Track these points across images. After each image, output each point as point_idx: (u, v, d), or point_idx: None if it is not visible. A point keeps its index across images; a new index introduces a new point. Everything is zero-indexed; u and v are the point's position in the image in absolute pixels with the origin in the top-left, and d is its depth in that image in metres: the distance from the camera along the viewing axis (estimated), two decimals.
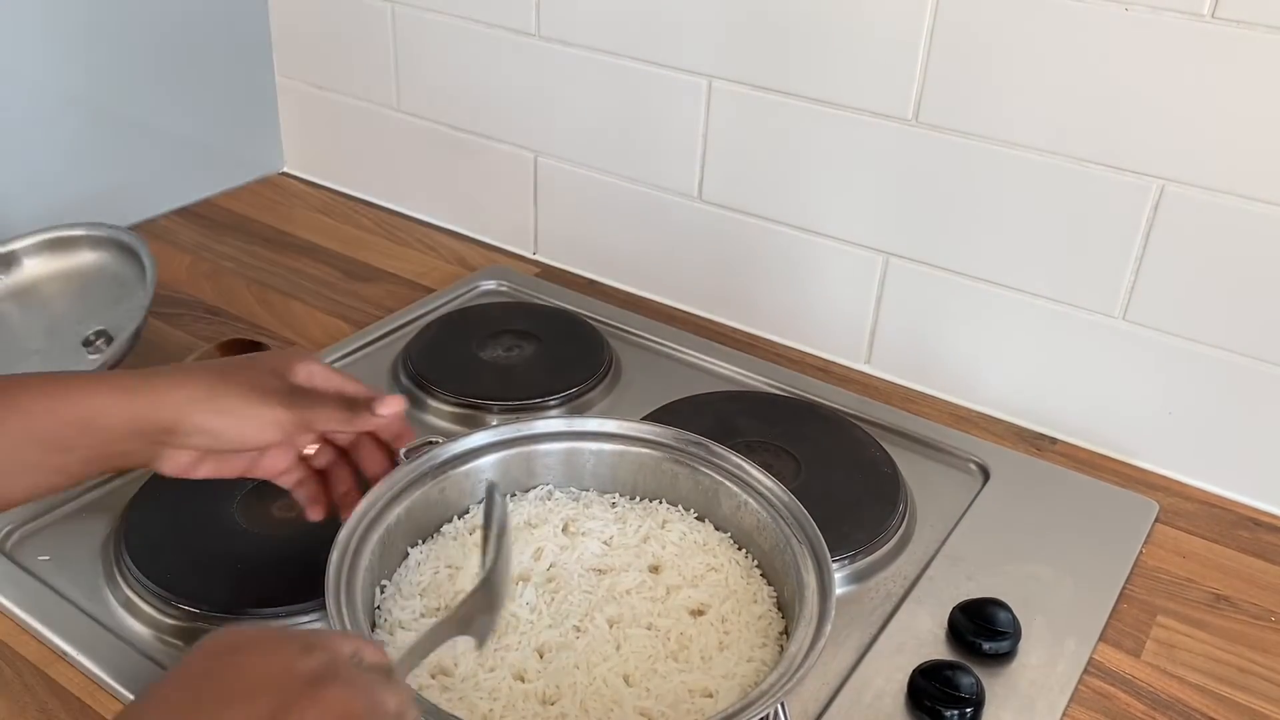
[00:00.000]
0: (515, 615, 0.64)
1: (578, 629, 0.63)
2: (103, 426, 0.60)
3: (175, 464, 0.65)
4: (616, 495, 0.74)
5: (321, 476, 0.71)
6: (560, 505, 0.72)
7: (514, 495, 0.73)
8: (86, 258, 1.01)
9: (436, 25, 1.21)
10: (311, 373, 0.67)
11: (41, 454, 0.60)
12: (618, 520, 0.72)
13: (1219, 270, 0.86)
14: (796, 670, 0.57)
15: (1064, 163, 0.89)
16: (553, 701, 0.59)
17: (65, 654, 0.70)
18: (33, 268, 0.99)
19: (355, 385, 0.69)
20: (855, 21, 0.94)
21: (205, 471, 0.66)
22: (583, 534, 0.70)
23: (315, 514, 0.70)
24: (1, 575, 0.75)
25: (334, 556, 0.62)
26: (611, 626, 0.64)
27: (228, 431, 0.63)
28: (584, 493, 0.74)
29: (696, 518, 0.73)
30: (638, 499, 0.74)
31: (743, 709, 0.55)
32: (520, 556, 0.68)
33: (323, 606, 0.70)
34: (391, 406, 0.66)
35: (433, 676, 0.61)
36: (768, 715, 0.56)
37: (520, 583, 0.66)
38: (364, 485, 0.70)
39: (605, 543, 0.70)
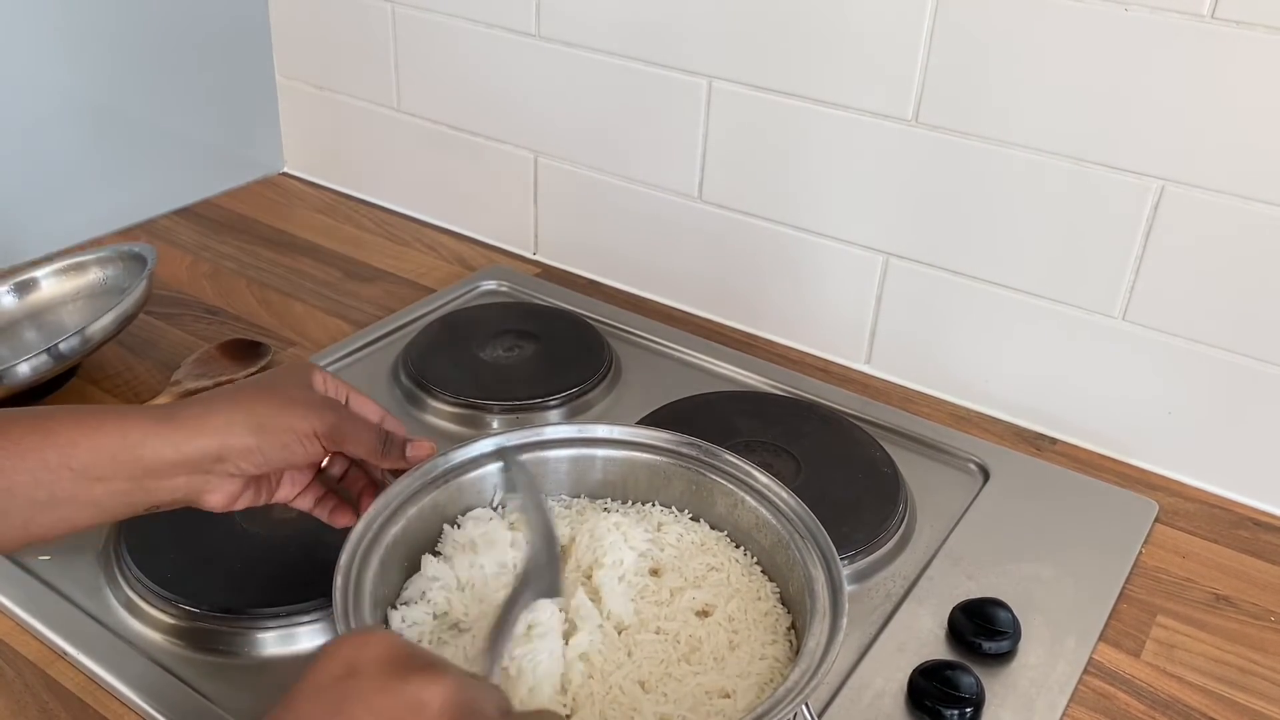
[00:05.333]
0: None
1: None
2: (141, 456, 0.59)
3: (224, 495, 0.63)
4: (609, 500, 0.74)
5: (335, 484, 0.71)
6: (554, 513, 0.72)
7: (505, 505, 0.72)
8: (95, 275, 1.05)
9: (436, 25, 1.21)
10: (328, 385, 0.68)
11: (75, 485, 0.57)
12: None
13: (1219, 270, 0.86)
14: (819, 665, 0.56)
15: (1064, 163, 0.89)
16: (571, 714, 0.59)
17: (65, 653, 0.70)
18: (49, 288, 1.05)
19: (373, 407, 0.70)
20: (855, 21, 0.94)
21: (245, 501, 0.65)
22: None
23: (345, 521, 0.69)
24: (1, 575, 0.75)
25: (343, 559, 0.61)
26: (620, 633, 0.64)
27: (271, 450, 0.62)
28: (575, 499, 0.74)
29: (691, 518, 0.73)
30: (630, 503, 0.74)
31: (772, 707, 0.54)
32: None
33: (323, 606, 0.71)
34: (422, 452, 0.68)
35: None
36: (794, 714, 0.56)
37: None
38: (378, 484, 0.71)
39: None
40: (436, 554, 0.68)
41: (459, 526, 0.70)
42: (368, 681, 0.45)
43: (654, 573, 0.68)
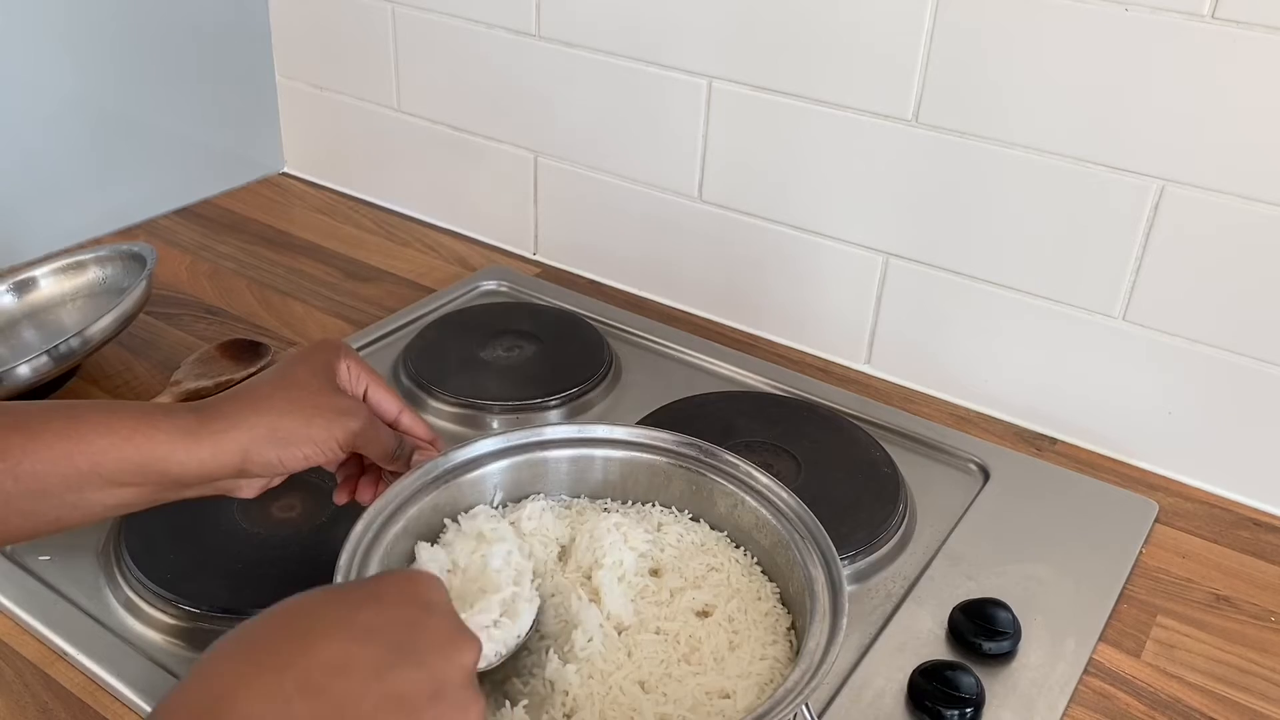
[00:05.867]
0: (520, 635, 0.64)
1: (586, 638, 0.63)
2: (167, 471, 0.61)
3: (251, 490, 0.66)
4: (609, 500, 0.74)
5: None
6: (555, 513, 0.72)
7: (506, 505, 0.72)
8: (94, 274, 1.05)
9: (436, 25, 1.21)
10: (351, 375, 0.69)
11: (103, 488, 0.60)
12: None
13: (1219, 270, 0.86)
14: (819, 666, 0.56)
15: (1064, 163, 0.89)
16: (570, 714, 0.59)
17: (65, 654, 0.70)
18: (47, 288, 1.05)
19: (392, 400, 0.71)
20: (855, 22, 0.94)
21: (278, 483, 0.67)
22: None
23: (342, 499, 0.71)
24: (1, 575, 0.75)
25: (343, 559, 0.61)
26: (620, 633, 0.63)
27: (293, 460, 0.64)
28: (575, 500, 0.74)
29: (691, 518, 0.73)
30: (630, 503, 0.74)
31: (772, 708, 0.54)
32: (518, 566, 0.67)
33: None
34: (429, 456, 0.70)
35: None
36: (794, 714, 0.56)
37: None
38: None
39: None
40: (434, 543, 0.68)
41: (459, 523, 0.69)
42: (438, 615, 0.50)
43: (654, 573, 0.68)
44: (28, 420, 0.59)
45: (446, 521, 0.69)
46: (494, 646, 0.60)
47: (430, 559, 0.66)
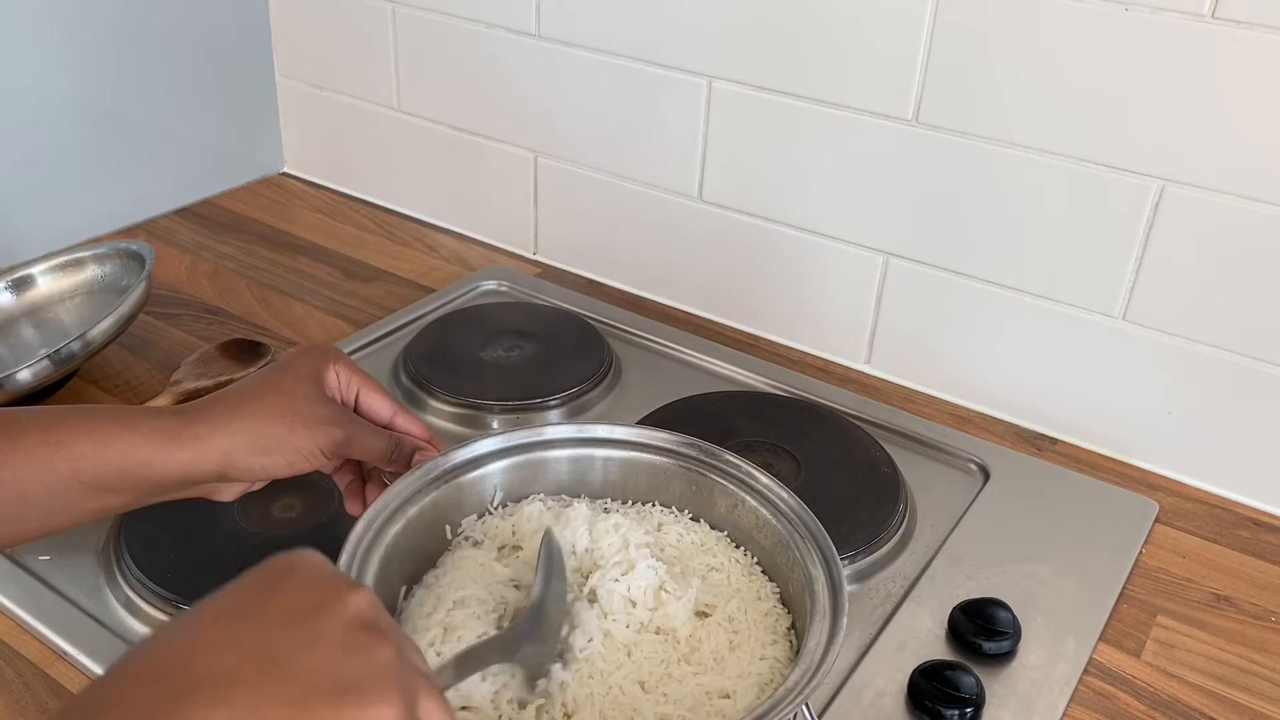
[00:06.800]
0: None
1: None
2: (148, 475, 0.61)
3: (230, 494, 0.66)
4: (608, 500, 0.74)
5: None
6: (554, 513, 0.72)
7: (505, 505, 0.72)
8: (92, 272, 1.05)
9: (436, 25, 1.21)
10: (340, 380, 0.68)
11: (85, 494, 0.60)
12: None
13: (1219, 270, 0.86)
14: (819, 666, 0.56)
15: (1064, 163, 0.89)
16: (570, 714, 0.59)
17: (65, 653, 0.70)
18: (45, 286, 1.05)
19: (385, 403, 0.70)
20: (855, 22, 0.94)
21: (258, 488, 0.67)
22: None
23: (355, 509, 0.70)
24: (1, 575, 0.75)
25: (343, 559, 0.61)
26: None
27: (276, 468, 0.64)
28: (575, 500, 0.74)
29: (691, 518, 0.73)
30: (630, 503, 0.74)
31: (772, 708, 0.54)
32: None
33: None
34: (429, 456, 0.69)
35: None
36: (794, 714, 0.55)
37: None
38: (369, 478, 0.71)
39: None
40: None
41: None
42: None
43: None
44: (7, 428, 0.59)
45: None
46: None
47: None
